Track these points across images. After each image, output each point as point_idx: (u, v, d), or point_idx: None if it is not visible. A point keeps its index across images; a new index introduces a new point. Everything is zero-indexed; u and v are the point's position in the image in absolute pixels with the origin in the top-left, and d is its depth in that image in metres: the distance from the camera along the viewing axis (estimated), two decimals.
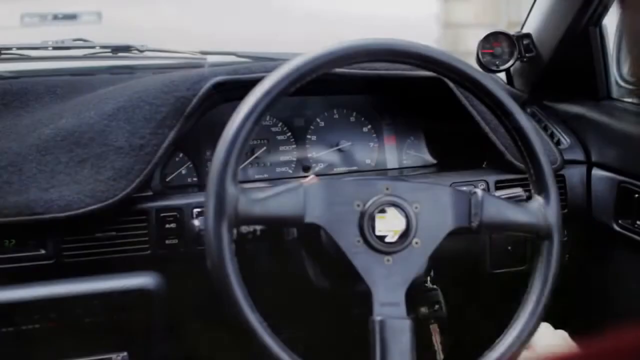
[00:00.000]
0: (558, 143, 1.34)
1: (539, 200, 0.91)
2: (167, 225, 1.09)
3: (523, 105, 1.43)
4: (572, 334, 0.91)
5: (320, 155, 1.36)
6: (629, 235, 1.21)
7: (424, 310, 1.07)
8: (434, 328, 1.15)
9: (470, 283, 1.34)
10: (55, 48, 1.38)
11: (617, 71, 1.38)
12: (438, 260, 0.96)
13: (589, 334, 0.34)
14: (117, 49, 1.41)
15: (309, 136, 1.36)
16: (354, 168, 1.38)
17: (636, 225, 1.19)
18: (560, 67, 1.42)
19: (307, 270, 1.00)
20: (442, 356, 1.15)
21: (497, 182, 1.23)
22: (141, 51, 1.41)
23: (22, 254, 1.04)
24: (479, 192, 0.90)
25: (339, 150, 1.36)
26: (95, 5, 4.18)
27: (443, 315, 1.08)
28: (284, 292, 1.15)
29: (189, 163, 1.28)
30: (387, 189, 0.87)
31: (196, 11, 4.20)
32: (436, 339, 1.15)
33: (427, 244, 0.88)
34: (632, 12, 0.35)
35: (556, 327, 0.94)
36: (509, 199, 1.02)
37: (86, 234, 1.06)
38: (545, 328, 0.90)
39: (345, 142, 1.37)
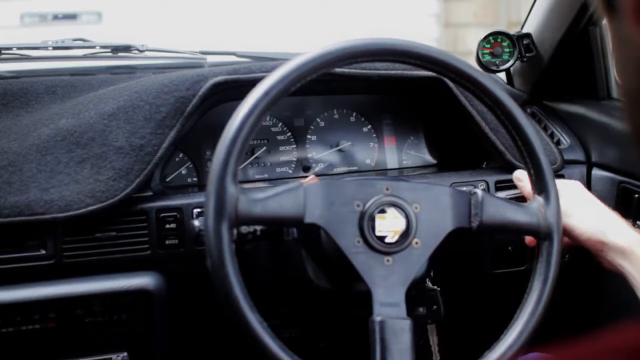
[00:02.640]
0: (558, 143, 1.34)
1: (539, 200, 0.91)
2: (167, 226, 1.09)
3: (523, 105, 1.42)
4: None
5: (320, 155, 1.36)
6: None
7: (421, 310, 1.07)
8: (431, 329, 1.15)
9: (470, 283, 1.34)
10: (55, 48, 1.38)
11: None
12: (438, 260, 0.96)
13: (589, 332, 0.34)
14: (117, 49, 1.41)
15: (309, 136, 1.36)
16: (354, 168, 1.38)
17: (636, 225, 1.19)
18: (560, 67, 1.42)
19: (307, 270, 1.00)
20: (438, 357, 1.15)
21: (497, 182, 1.23)
22: (141, 51, 1.41)
23: (22, 254, 1.04)
24: (479, 192, 0.90)
25: (339, 150, 1.36)
26: (95, 5, 4.19)
27: (440, 317, 1.08)
28: (284, 292, 1.15)
29: (189, 163, 1.28)
30: (387, 189, 0.87)
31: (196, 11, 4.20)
32: (433, 340, 1.15)
33: (427, 244, 0.88)
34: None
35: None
36: (509, 199, 1.02)
37: (86, 234, 1.06)
38: None
39: (345, 142, 1.37)
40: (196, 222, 1.00)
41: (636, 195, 1.20)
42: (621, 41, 0.35)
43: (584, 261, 1.32)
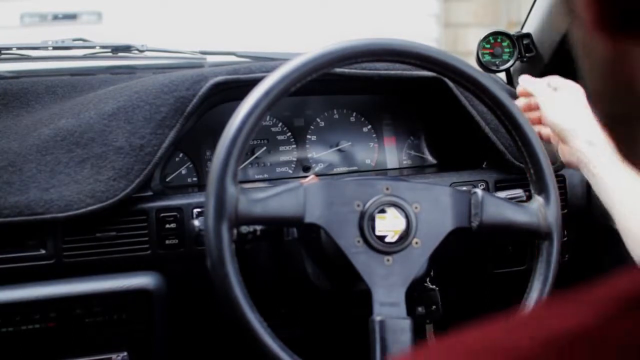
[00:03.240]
0: None
1: (539, 200, 0.91)
2: (167, 225, 1.09)
3: None
4: None
5: (320, 155, 1.36)
6: None
7: (420, 309, 1.07)
8: (429, 328, 1.15)
9: (471, 283, 1.34)
10: (55, 48, 1.38)
11: None
12: (438, 260, 0.96)
13: None
14: (117, 49, 1.41)
15: (309, 136, 1.36)
16: (354, 168, 1.38)
17: None
18: (560, 67, 1.42)
19: (307, 270, 1.00)
20: None
21: (497, 182, 1.23)
22: (141, 51, 1.41)
23: (22, 254, 1.04)
24: (479, 192, 0.91)
25: (339, 150, 1.36)
26: (95, 5, 4.19)
27: (439, 316, 1.09)
28: (284, 292, 1.15)
29: (189, 163, 1.28)
30: (387, 189, 0.87)
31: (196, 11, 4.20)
32: (430, 340, 1.15)
33: (427, 244, 0.88)
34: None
35: None
36: (510, 199, 1.02)
37: (86, 234, 1.06)
38: None
39: (345, 142, 1.37)
40: (196, 222, 1.00)
41: None
42: (584, 48, 0.36)
43: (584, 261, 1.32)
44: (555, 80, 1.16)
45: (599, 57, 0.33)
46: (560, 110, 1.06)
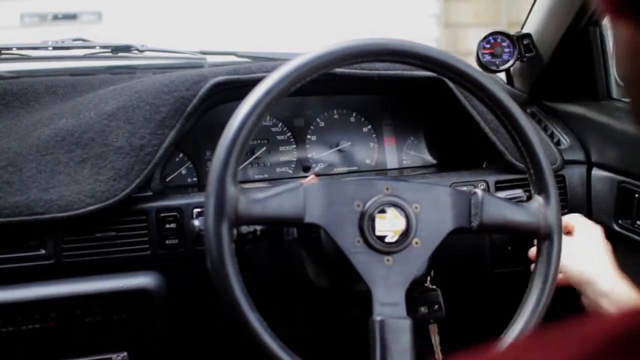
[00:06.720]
0: (558, 143, 1.34)
1: (539, 200, 0.91)
2: (167, 225, 1.09)
3: (523, 105, 1.42)
4: None
5: (320, 155, 1.36)
6: (629, 235, 1.21)
7: (423, 310, 1.07)
8: (433, 328, 1.15)
9: (471, 283, 1.34)
10: (55, 48, 1.38)
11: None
12: (438, 260, 0.96)
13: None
14: (117, 49, 1.41)
15: (309, 136, 1.36)
16: (354, 168, 1.38)
17: (636, 226, 1.19)
18: (560, 67, 1.42)
19: (307, 270, 1.00)
20: (440, 356, 1.15)
21: (497, 182, 1.23)
22: (141, 51, 1.41)
23: (22, 254, 1.04)
24: (479, 192, 0.91)
25: (339, 150, 1.36)
26: (95, 5, 4.19)
27: (442, 316, 1.09)
28: (284, 292, 1.15)
29: (189, 163, 1.29)
30: (387, 189, 0.87)
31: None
32: (435, 340, 1.15)
33: (427, 244, 0.88)
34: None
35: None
36: (510, 199, 1.02)
37: (86, 234, 1.06)
38: None
39: (345, 142, 1.37)
40: (196, 222, 1.00)
41: (636, 195, 1.20)
42: (614, 35, 0.38)
43: None
44: (572, 219, 1.14)
45: (624, 42, 0.36)
46: (576, 261, 1.05)
